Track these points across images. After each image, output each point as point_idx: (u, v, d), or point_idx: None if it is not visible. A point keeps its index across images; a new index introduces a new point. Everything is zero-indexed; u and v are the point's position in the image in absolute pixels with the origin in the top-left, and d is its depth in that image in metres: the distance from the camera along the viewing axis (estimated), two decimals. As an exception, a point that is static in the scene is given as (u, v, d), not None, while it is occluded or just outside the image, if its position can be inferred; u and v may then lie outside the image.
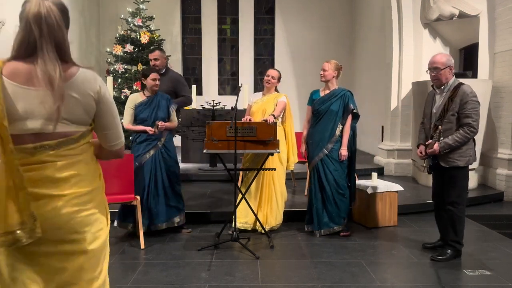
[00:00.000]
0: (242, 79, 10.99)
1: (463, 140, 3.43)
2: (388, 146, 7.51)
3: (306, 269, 3.47)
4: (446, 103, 3.50)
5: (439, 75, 3.52)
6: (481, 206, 5.71)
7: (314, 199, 4.32)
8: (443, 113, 3.50)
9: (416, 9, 7.20)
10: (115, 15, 10.01)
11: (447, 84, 3.55)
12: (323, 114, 4.28)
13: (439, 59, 3.53)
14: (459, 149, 3.47)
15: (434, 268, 3.50)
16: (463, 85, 3.50)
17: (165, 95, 4.34)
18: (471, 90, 3.46)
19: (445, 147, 3.44)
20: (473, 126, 3.41)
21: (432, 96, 3.72)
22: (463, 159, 3.50)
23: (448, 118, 3.48)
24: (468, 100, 3.41)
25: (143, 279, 3.25)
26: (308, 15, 10.98)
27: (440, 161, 3.54)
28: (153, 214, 4.18)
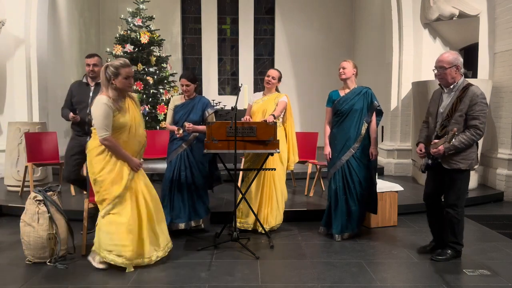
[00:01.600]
0: (242, 79, 10.99)
1: (469, 143, 3.37)
2: (388, 146, 7.51)
3: (306, 269, 3.47)
4: (454, 103, 3.41)
5: (444, 74, 3.44)
6: (481, 206, 5.71)
7: (340, 202, 4.19)
8: (451, 113, 3.42)
9: (416, 9, 7.20)
10: (115, 15, 10.02)
11: (456, 83, 3.47)
12: (347, 114, 4.18)
13: (445, 58, 3.45)
14: (463, 152, 3.41)
15: (434, 268, 3.49)
16: (472, 86, 3.43)
17: (204, 99, 4.41)
18: (481, 91, 3.39)
19: (450, 148, 3.35)
20: (480, 129, 3.35)
21: (439, 95, 3.63)
22: (466, 162, 3.44)
23: (456, 118, 3.39)
24: (477, 102, 3.34)
25: (143, 279, 3.25)
26: (308, 15, 10.98)
27: (442, 162, 3.46)
28: (174, 212, 4.23)
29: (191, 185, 4.26)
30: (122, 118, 3.35)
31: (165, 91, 8.16)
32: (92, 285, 3.15)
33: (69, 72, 8.80)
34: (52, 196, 3.62)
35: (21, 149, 5.78)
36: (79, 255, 3.67)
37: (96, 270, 3.40)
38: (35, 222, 3.48)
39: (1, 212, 5.05)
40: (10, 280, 3.23)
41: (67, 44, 8.68)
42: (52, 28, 7.73)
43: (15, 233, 4.39)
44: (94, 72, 4.43)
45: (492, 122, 6.42)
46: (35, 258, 3.52)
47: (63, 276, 3.28)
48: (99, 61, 4.49)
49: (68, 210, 4.03)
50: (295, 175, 6.35)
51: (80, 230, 3.93)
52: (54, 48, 7.95)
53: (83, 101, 4.43)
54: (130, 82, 3.41)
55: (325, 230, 4.35)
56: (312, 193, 5.70)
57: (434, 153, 3.42)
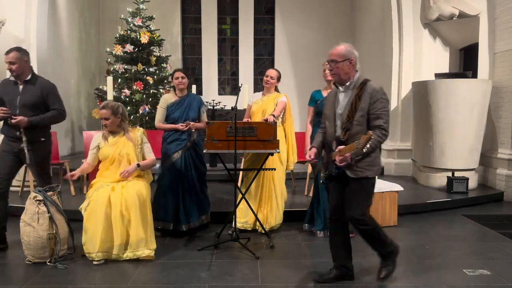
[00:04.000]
0: (242, 79, 10.99)
1: (376, 145, 2.91)
2: (388, 146, 7.51)
3: (306, 269, 3.47)
4: (353, 102, 2.96)
5: (337, 68, 3.00)
6: (481, 206, 5.71)
7: (321, 200, 4.27)
8: (351, 113, 2.95)
9: (416, 9, 7.20)
10: (115, 15, 10.01)
11: (352, 80, 3.02)
12: None
13: (337, 51, 3.01)
14: (368, 157, 2.95)
15: (434, 268, 3.49)
16: (370, 81, 3.02)
17: (196, 97, 4.46)
18: (380, 86, 2.98)
19: (357, 153, 2.87)
20: (385, 129, 2.91)
21: (334, 95, 3.15)
22: (373, 169, 2.98)
23: (358, 119, 2.93)
24: (378, 98, 2.92)
25: (143, 279, 3.25)
26: (308, 15, 10.97)
27: (347, 170, 2.97)
28: (187, 213, 4.26)
29: (197, 183, 4.32)
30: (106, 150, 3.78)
31: (165, 91, 8.16)
32: (92, 285, 3.15)
33: (69, 72, 8.80)
34: (52, 196, 3.63)
35: (21, 149, 5.77)
36: (79, 255, 3.67)
37: (96, 270, 3.41)
38: (35, 222, 3.48)
39: (1, 212, 5.03)
40: (10, 280, 3.23)
41: (67, 44, 8.68)
42: (52, 28, 7.73)
43: (15, 233, 4.39)
44: (13, 70, 3.75)
45: (492, 122, 6.42)
46: (35, 258, 3.52)
47: (63, 276, 3.28)
48: (17, 57, 3.74)
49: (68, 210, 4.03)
50: (295, 175, 6.35)
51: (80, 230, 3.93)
52: (54, 48, 7.94)
53: (12, 101, 3.77)
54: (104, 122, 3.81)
55: (309, 227, 4.42)
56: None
57: (341, 161, 2.90)
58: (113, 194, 3.58)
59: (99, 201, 3.53)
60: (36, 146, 3.81)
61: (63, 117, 3.97)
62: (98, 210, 3.52)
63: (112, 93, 6.68)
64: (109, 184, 3.66)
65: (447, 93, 5.96)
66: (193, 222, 4.32)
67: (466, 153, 6.09)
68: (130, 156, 3.77)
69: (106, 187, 3.62)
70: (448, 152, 6.11)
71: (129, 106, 7.71)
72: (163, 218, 4.23)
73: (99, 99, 7.97)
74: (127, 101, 7.68)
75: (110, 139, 3.82)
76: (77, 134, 8.99)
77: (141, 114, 7.72)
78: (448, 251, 3.91)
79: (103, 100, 7.63)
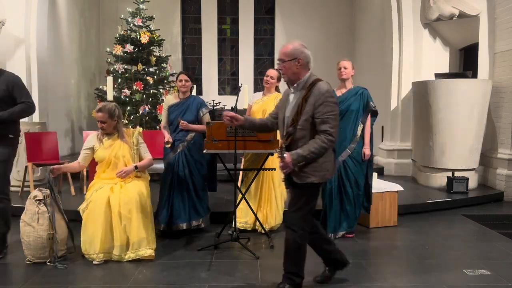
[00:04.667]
0: (242, 79, 10.99)
1: (320, 151, 2.72)
2: (388, 146, 7.51)
3: (306, 269, 3.46)
4: (300, 104, 2.77)
5: (284, 68, 2.83)
6: (481, 206, 5.71)
7: (335, 201, 4.21)
8: (296, 117, 2.76)
9: (416, 9, 7.20)
10: (115, 15, 10.01)
11: (301, 80, 2.83)
12: (343, 114, 4.16)
13: (284, 49, 2.83)
14: (315, 163, 2.77)
15: (434, 268, 3.50)
16: (320, 82, 2.81)
17: (199, 99, 4.41)
18: (328, 88, 2.77)
19: (299, 159, 2.71)
20: (331, 134, 2.72)
21: (287, 97, 2.98)
22: (319, 175, 2.80)
23: (302, 124, 2.75)
24: (323, 101, 2.71)
25: (143, 279, 3.25)
26: (308, 15, 10.97)
27: (293, 175, 2.82)
28: (174, 213, 4.23)
29: (190, 185, 4.27)
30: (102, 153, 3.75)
31: (165, 91, 8.16)
32: (92, 285, 3.15)
33: (69, 72, 8.80)
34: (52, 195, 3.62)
35: (21, 149, 5.76)
36: (79, 255, 3.67)
37: (96, 270, 3.41)
38: (35, 222, 3.48)
39: (1, 212, 5.03)
40: (10, 280, 3.23)
41: (67, 44, 8.68)
42: (52, 28, 7.73)
43: (15, 233, 4.39)
44: None
45: (492, 122, 6.42)
46: (35, 258, 3.52)
47: (63, 276, 3.28)
48: None
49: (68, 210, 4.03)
50: (295, 175, 6.34)
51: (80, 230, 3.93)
52: (54, 48, 7.94)
53: None
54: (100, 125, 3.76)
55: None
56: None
57: (282, 168, 2.76)
58: (112, 195, 3.57)
59: (98, 202, 3.53)
60: (1, 142, 3.67)
61: (33, 110, 3.82)
62: (97, 211, 3.52)
63: (112, 93, 6.68)
64: (108, 184, 3.65)
65: (447, 93, 5.96)
66: (181, 223, 4.22)
67: (466, 153, 6.09)
68: (125, 158, 3.76)
69: (105, 187, 3.62)
70: (448, 152, 6.11)
71: (129, 106, 7.71)
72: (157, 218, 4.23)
73: (99, 99, 7.97)
74: (127, 101, 7.68)
75: (105, 141, 3.78)
76: (77, 134, 8.99)
77: (141, 114, 7.72)
78: (448, 251, 3.91)
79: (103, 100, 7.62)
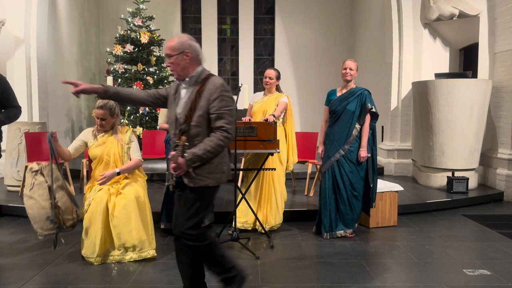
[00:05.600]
0: (242, 79, 10.99)
1: (216, 150, 2.49)
2: (388, 146, 7.51)
3: (306, 269, 3.47)
4: (193, 100, 2.55)
5: (171, 64, 2.61)
6: (481, 206, 5.72)
7: (328, 200, 4.24)
8: (190, 113, 2.54)
9: (416, 9, 7.20)
10: (115, 15, 10.02)
11: (191, 75, 2.63)
12: (340, 114, 4.19)
13: (170, 43, 2.64)
14: (209, 164, 2.53)
15: (434, 268, 3.50)
16: (213, 76, 2.64)
17: None
18: (222, 82, 2.58)
19: (194, 160, 2.44)
20: (227, 130, 2.50)
21: (174, 93, 2.72)
22: (214, 177, 2.55)
23: (196, 120, 2.52)
24: (219, 96, 2.51)
25: (143, 279, 3.25)
26: (308, 15, 10.98)
27: (185, 178, 2.53)
28: None
29: None
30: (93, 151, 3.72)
31: (165, 91, 8.16)
32: (92, 285, 3.15)
33: (69, 72, 8.80)
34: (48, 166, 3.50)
35: (21, 149, 5.78)
36: (79, 255, 3.67)
37: (96, 270, 3.41)
38: (35, 194, 3.37)
39: (1, 212, 5.05)
40: (10, 280, 3.23)
41: (67, 44, 8.68)
42: (52, 28, 7.73)
43: (15, 233, 4.39)
44: None
45: (492, 122, 6.42)
46: (44, 231, 3.36)
47: (63, 276, 3.29)
48: None
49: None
50: (295, 175, 6.35)
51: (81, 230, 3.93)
52: (54, 48, 7.95)
53: None
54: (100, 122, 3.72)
55: (317, 228, 4.41)
56: (312, 193, 5.70)
57: (175, 169, 2.44)
58: (110, 198, 3.57)
59: (97, 208, 3.52)
60: None
61: (20, 113, 3.80)
62: (95, 216, 3.51)
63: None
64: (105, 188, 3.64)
65: (447, 93, 5.96)
66: None
67: (466, 153, 6.09)
68: (116, 156, 3.72)
69: (102, 191, 3.60)
70: (448, 152, 6.11)
71: (129, 106, 7.72)
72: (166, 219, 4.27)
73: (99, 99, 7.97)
74: (127, 101, 7.68)
75: (99, 138, 3.76)
76: (77, 134, 8.97)
77: (141, 114, 7.73)
78: (448, 251, 3.91)
79: (103, 100, 7.62)
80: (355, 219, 4.30)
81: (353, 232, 4.32)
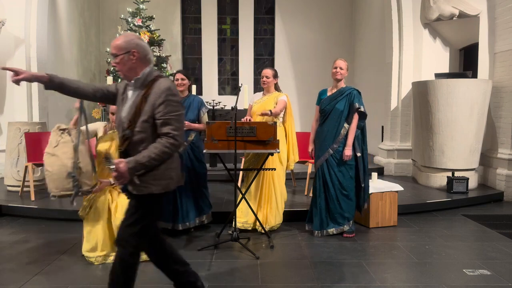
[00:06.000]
0: (242, 79, 10.99)
1: (161, 157, 2.34)
2: (388, 146, 7.51)
3: (306, 269, 3.47)
4: (138, 104, 2.40)
5: (117, 64, 2.45)
6: (481, 206, 5.72)
7: (318, 199, 4.29)
8: (134, 118, 2.38)
9: (416, 9, 7.20)
10: (115, 15, 10.02)
11: (139, 76, 2.45)
12: (329, 114, 4.24)
13: (115, 42, 2.45)
14: (155, 170, 2.39)
15: (434, 268, 3.50)
16: (162, 78, 2.46)
17: (199, 98, 4.45)
18: (170, 85, 2.40)
19: (137, 168, 2.29)
20: (174, 137, 2.34)
21: (122, 95, 2.57)
22: (160, 183, 2.42)
23: (141, 126, 2.37)
24: (164, 101, 2.35)
25: (143, 279, 3.25)
26: (308, 15, 10.98)
27: (130, 185, 2.41)
28: (182, 213, 4.27)
29: (194, 183, 4.32)
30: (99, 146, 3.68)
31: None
32: (92, 285, 3.15)
33: (69, 72, 8.80)
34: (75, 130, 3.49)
35: (21, 149, 5.78)
36: (79, 255, 3.67)
37: (96, 270, 3.41)
38: (59, 151, 3.23)
39: (1, 212, 5.04)
40: (10, 280, 3.23)
41: (67, 44, 8.68)
42: (52, 28, 7.73)
43: (15, 233, 4.39)
44: None
45: (492, 122, 6.42)
46: (60, 191, 3.26)
47: (63, 276, 3.29)
48: None
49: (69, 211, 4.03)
50: (295, 175, 6.35)
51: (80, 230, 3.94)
52: (54, 48, 7.94)
53: None
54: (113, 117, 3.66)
55: (309, 226, 4.43)
56: (312, 193, 5.69)
57: (117, 178, 2.30)
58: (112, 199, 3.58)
59: (100, 207, 3.53)
60: None
61: None
62: (98, 215, 3.52)
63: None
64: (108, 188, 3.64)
65: (447, 93, 5.96)
66: (190, 222, 4.32)
67: (466, 153, 6.09)
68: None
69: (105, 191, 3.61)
70: (448, 152, 6.11)
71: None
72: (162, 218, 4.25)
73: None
74: (127, 101, 7.69)
75: (109, 133, 3.77)
76: (77, 134, 8.98)
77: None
78: (448, 251, 3.91)
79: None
80: (347, 217, 4.30)
81: (352, 232, 4.32)
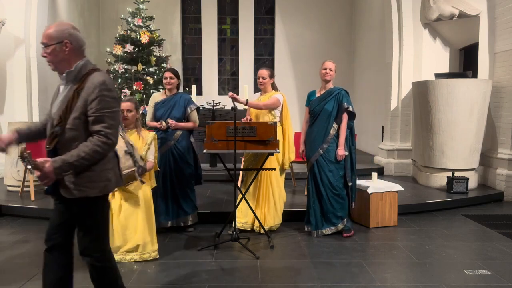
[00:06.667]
0: (242, 79, 10.99)
1: (93, 157, 2.14)
2: (388, 146, 7.51)
3: (306, 269, 3.47)
4: (70, 99, 2.19)
5: (48, 54, 2.22)
6: (481, 206, 5.71)
7: (311, 200, 4.33)
8: (65, 114, 2.17)
9: (416, 9, 7.20)
10: (115, 15, 10.02)
11: (71, 69, 2.23)
12: (318, 114, 4.29)
13: (46, 31, 2.22)
14: (90, 171, 2.19)
15: (434, 268, 3.50)
16: (97, 72, 2.24)
17: (186, 96, 4.40)
18: (105, 79, 2.20)
19: (64, 168, 2.10)
20: (106, 135, 2.15)
21: (57, 89, 2.36)
22: (97, 186, 2.22)
23: (72, 123, 2.16)
24: (97, 96, 2.15)
25: (143, 279, 3.25)
26: (308, 15, 10.98)
27: (61, 188, 2.20)
28: (159, 211, 4.23)
29: (176, 183, 4.29)
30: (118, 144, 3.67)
31: (165, 91, 8.16)
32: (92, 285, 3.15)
33: (69, 72, 8.79)
34: None
35: (21, 149, 5.78)
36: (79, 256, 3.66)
37: (96, 270, 3.41)
38: None
39: (1, 212, 5.05)
40: (10, 280, 3.23)
41: (67, 44, 8.67)
42: (52, 28, 7.73)
43: (15, 233, 4.40)
44: None
45: (492, 122, 6.42)
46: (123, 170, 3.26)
47: (63, 276, 3.28)
48: None
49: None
50: (295, 175, 6.35)
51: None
52: (54, 48, 7.94)
53: None
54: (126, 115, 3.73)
55: (307, 227, 4.44)
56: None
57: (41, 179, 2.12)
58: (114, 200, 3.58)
59: None
60: None
61: None
62: None
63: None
64: None
65: (447, 93, 5.96)
66: (171, 221, 4.30)
67: (466, 153, 6.09)
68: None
69: None
70: (448, 152, 6.11)
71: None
72: None
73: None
74: (127, 101, 7.68)
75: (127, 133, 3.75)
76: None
77: (141, 114, 7.72)
78: (448, 251, 3.91)
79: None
80: (340, 216, 4.30)
81: (350, 230, 4.32)
